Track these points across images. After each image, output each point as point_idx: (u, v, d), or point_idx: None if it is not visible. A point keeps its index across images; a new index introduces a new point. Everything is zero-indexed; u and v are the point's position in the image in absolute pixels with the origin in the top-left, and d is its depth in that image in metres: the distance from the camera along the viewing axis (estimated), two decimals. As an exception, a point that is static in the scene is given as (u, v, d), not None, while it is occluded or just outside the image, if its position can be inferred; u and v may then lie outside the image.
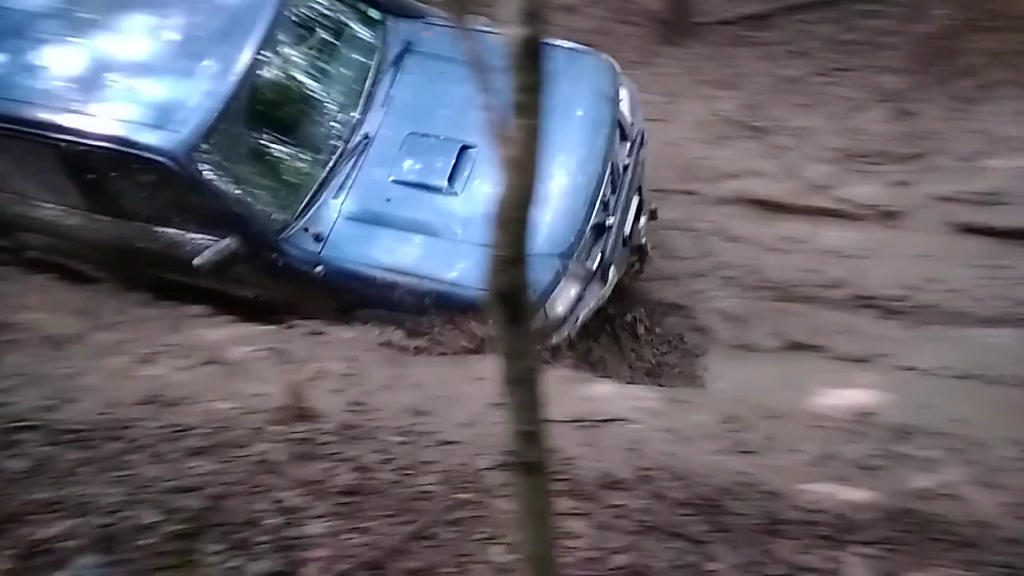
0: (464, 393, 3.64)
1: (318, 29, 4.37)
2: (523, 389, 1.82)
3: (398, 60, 4.44)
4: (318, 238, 4.03)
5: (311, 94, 4.24)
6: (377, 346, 3.97)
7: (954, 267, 4.62)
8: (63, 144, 4.00)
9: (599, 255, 4.15)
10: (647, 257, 4.57)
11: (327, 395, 3.59)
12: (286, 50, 4.22)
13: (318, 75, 4.29)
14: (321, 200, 4.11)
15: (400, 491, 3.04)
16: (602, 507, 2.96)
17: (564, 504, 2.91)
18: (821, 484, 3.11)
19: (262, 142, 4.10)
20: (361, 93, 4.35)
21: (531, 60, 1.54)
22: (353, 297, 4.05)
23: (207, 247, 3.96)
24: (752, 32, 5.70)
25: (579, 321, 4.10)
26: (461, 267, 3.87)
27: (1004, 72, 5.19)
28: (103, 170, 4.04)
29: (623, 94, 4.46)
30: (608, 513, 2.93)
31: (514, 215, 1.69)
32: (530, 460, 1.91)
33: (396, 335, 3.98)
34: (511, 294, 1.73)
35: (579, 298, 4.08)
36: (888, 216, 4.85)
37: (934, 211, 4.81)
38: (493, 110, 1.62)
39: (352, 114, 4.30)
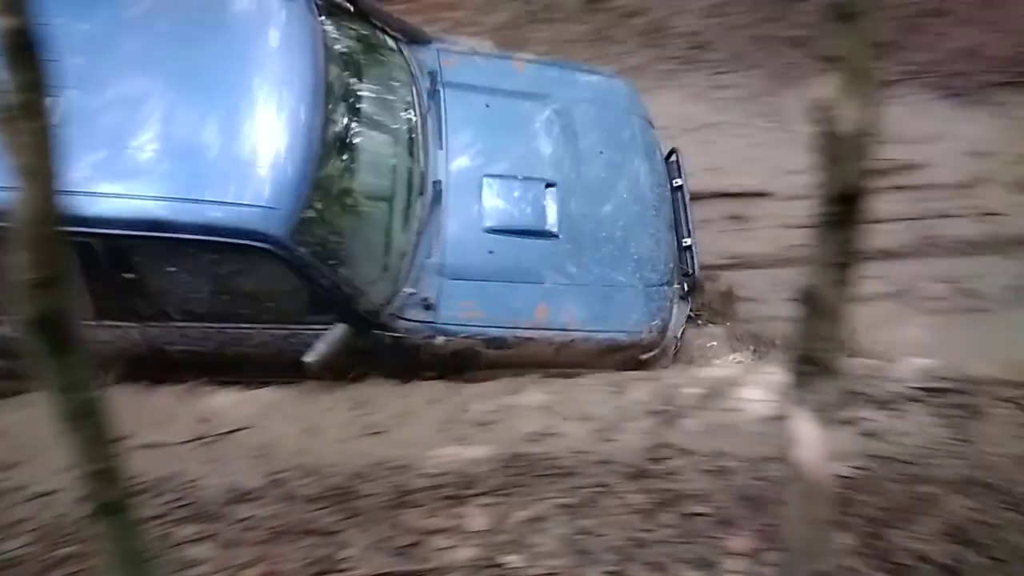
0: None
1: (356, 64, 3.88)
2: (85, 424, 1.62)
3: (433, 94, 4.05)
4: (428, 305, 3.63)
5: (373, 140, 3.76)
6: None
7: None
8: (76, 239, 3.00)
9: (685, 277, 4.14)
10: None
11: None
12: (339, 92, 3.68)
13: (373, 118, 3.79)
14: (417, 261, 3.67)
15: (-21, 565, 2.59)
16: (229, 524, 2.84)
17: (186, 531, 2.74)
18: (445, 448, 3.31)
19: (349, 205, 3.60)
20: (413, 134, 3.88)
21: (26, 54, 1.34)
22: (481, 362, 3.74)
23: (310, 339, 3.39)
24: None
25: (677, 342, 4.07)
26: (593, 312, 3.80)
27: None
28: (145, 266, 3.25)
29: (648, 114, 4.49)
30: (235, 528, 2.81)
31: (41, 231, 1.48)
32: (110, 500, 1.72)
33: None
34: (50, 320, 1.51)
35: (679, 320, 4.05)
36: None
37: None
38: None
39: (414, 160, 3.84)
